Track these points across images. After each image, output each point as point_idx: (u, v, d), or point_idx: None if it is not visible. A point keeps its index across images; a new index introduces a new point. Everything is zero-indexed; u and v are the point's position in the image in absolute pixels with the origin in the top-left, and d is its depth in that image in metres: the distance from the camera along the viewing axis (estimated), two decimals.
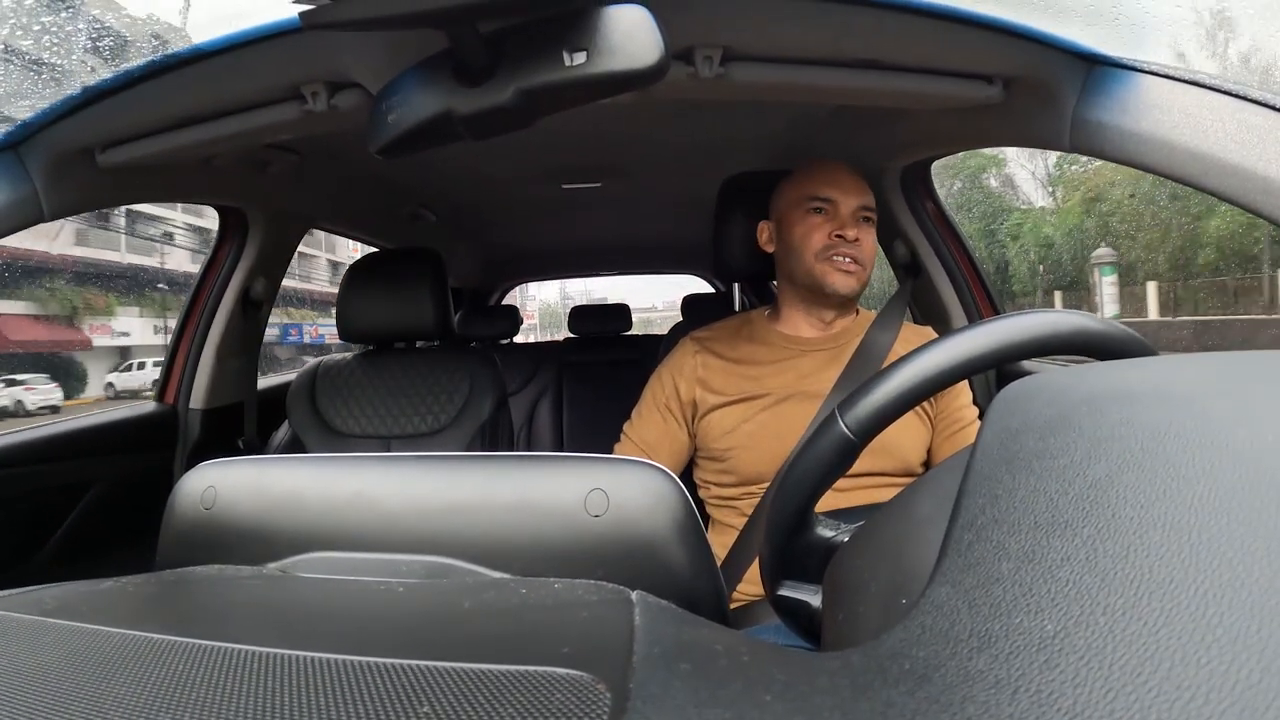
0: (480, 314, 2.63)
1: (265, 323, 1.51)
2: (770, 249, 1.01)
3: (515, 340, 2.63)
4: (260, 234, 1.36)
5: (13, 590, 0.34)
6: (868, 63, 0.75)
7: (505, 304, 3.12)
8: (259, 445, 1.47)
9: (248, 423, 1.46)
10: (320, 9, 0.46)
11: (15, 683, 0.23)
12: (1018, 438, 0.26)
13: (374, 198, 1.65)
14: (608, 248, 2.72)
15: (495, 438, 1.33)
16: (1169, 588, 0.18)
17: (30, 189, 0.83)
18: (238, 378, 1.44)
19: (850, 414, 0.41)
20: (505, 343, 2.57)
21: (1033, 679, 0.17)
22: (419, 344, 1.47)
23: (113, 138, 0.86)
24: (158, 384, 1.38)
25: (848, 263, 0.92)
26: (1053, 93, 0.74)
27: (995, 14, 0.69)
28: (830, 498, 0.47)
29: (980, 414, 0.50)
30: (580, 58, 0.50)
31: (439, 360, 1.38)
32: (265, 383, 1.57)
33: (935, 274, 1.25)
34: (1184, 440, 0.22)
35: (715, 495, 0.97)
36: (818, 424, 0.56)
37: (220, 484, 0.41)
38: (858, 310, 1.02)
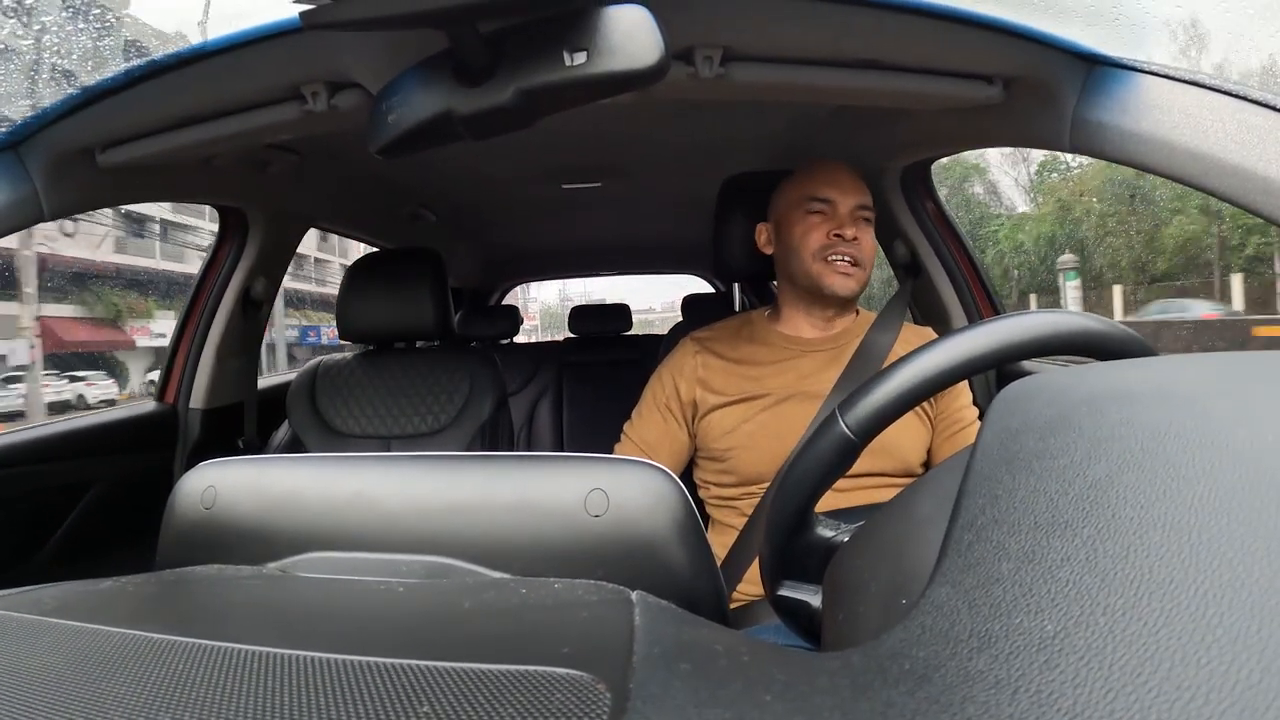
0: (480, 314, 2.63)
1: (265, 322, 1.51)
2: (769, 250, 1.01)
3: (515, 341, 2.63)
4: (260, 234, 1.36)
5: (13, 590, 0.34)
6: (868, 63, 0.75)
7: (505, 304, 3.12)
8: (259, 445, 1.47)
9: (248, 423, 1.46)
10: (320, 9, 0.46)
11: (15, 683, 0.23)
12: (1018, 438, 0.26)
13: (374, 198, 1.65)
14: (608, 248, 2.72)
15: (495, 438, 1.33)
16: (1169, 588, 0.18)
17: (30, 189, 0.83)
18: (238, 378, 1.44)
19: (850, 414, 0.41)
20: (505, 343, 2.57)
21: (1033, 679, 0.17)
22: (419, 344, 1.47)
23: (113, 138, 0.86)
24: (158, 384, 1.39)
25: (846, 263, 0.92)
26: (1053, 93, 0.74)
27: (995, 14, 0.69)
28: (830, 498, 0.47)
29: (980, 414, 0.50)
30: (580, 58, 0.50)
31: (439, 360, 1.38)
32: (266, 382, 1.57)
33: (935, 274, 1.24)
34: (1184, 440, 0.22)
35: (715, 495, 0.97)
36: (818, 424, 0.56)
37: (220, 484, 0.41)
38: (858, 311, 1.02)
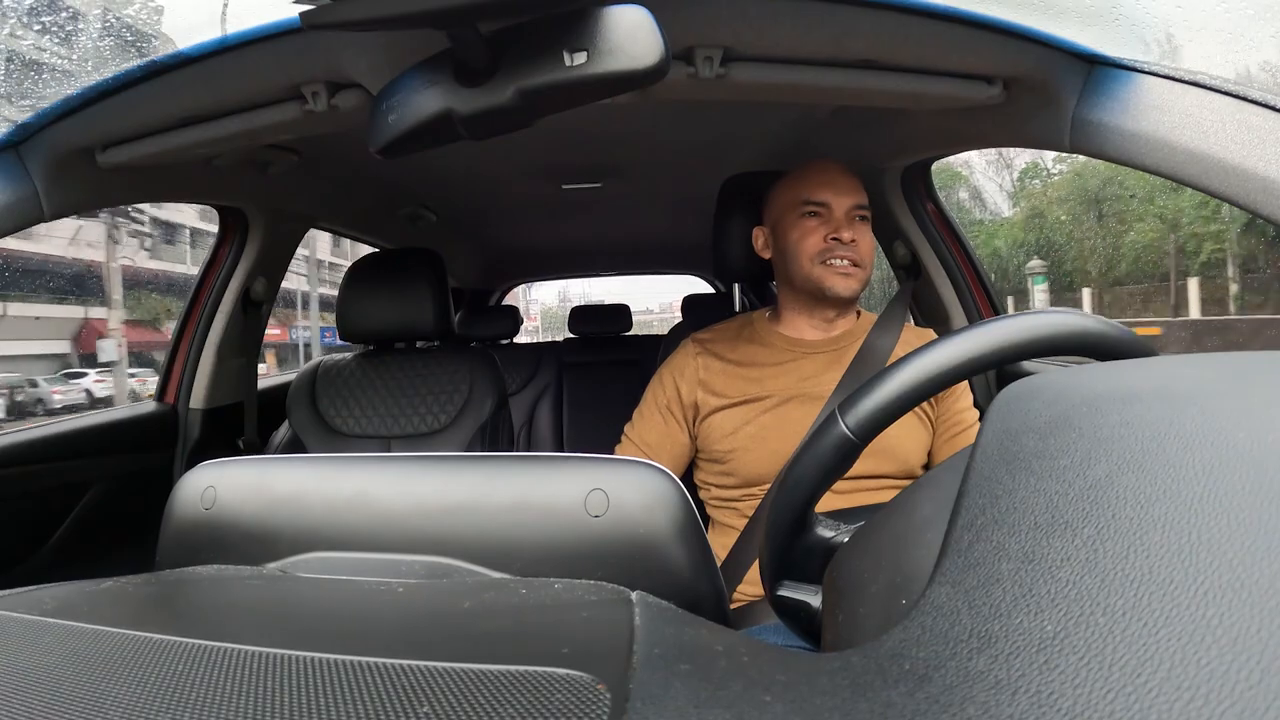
0: (480, 314, 2.63)
1: (265, 322, 1.51)
2: (767, 255, 1.01)
3: (516, 341, 2.63)
4: (260, 234, 1.36)
5: (13, 590, 0.34)
6: (868, 63, 0.75)
7: (505, 304, 3.12)
8: (259, 445, 1.47)
9: (248, 423, 1.46)
10: (320, 9, 0.46)
11: (15, 683, 0.23)
12: (1018, 438, 0.26)
13: (374, 198, 1.65)
14: (608, 248, 2.72)
15: (495, 438, 1.33)
16: (1169, 588, 0.18)
17: (30, 189, 0.84)
18: (238, 378, 1.44)
19: (851, 414, 0.41)
20: (505, 343, 2.57)
21: (1033, 679, 0.17)
22: (419, 344, 1.47)
23: (113, 138, 0.86)
24: (157, 384, 1.39)
25: (846, 265, 0.91)
26: (1053, 93, 0.74)
27: (995, 14, 0.69)
28: (830, 500, 0.47)
29: (980, 415, 0.50)
30: (580, 58, 0.50)
31: (439, 360, 1.38)
32: (266, 382, 1.57)
33: (935, 275, 1.24)
34: (1184, 440, 0.22)
35: (716, 496, 0.97)
36: (819, 424, 0.56)
37: (220, 484, 0.41)
38: (859, 312, 1.02)
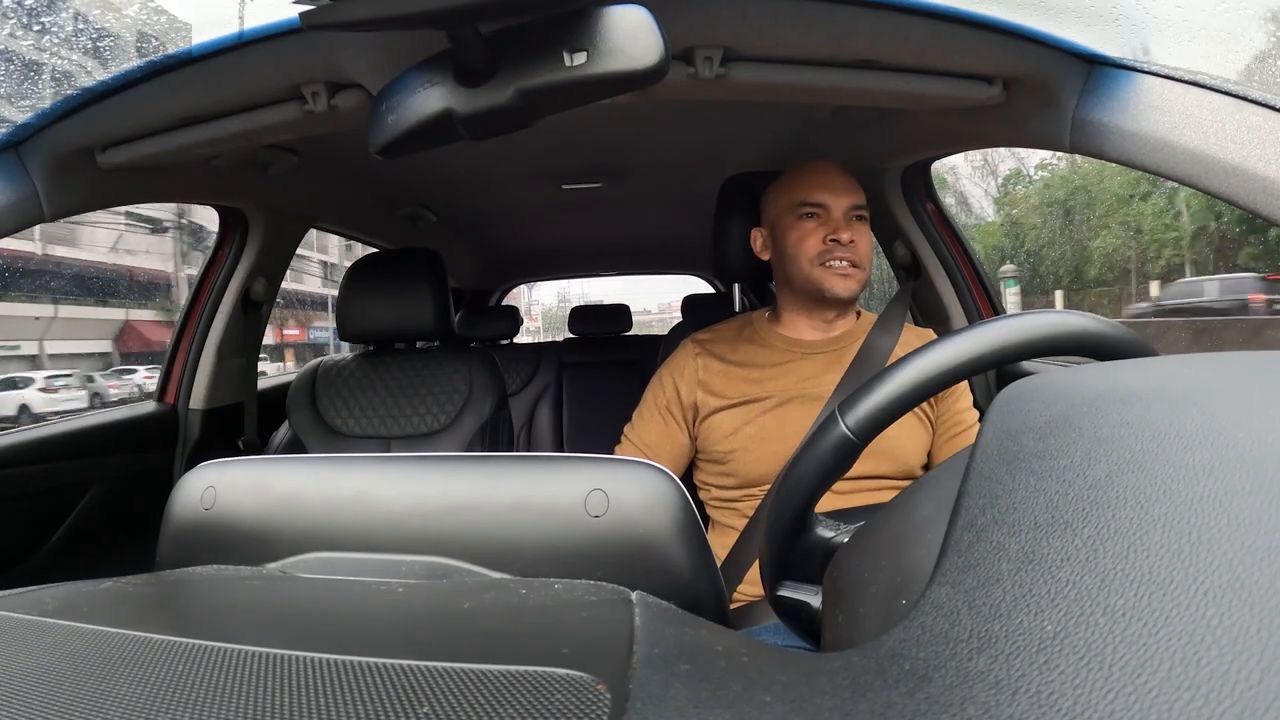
0: (480, 314, 2.63)
1: (265, 323, 1.51)
2: (765, 256, 1.00)
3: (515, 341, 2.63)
4: (260, 234, 1.36)
5: (13, 590, 0.34)
6: (868, 63, 0.75)
7: (505, 304, 3.13)
8: (259, 445, 1.47)
9: (248, 423, 1.46)
10: (320, 9, 0.46)
11: (15, 683, 0.23)
12: (1018, 438, 0.26)
13: (374, 198, 1.65)
14: (608, 248, 2.72)
15: (495, 438, 1.33)
16: (1169, 588, 0.18)
17: (30, 189, 0.84)
18: (238, 378, 1.44)
19: (851, 414, 0.41)
20: (505, 343, 2.57)
21: (1033, 680, 0.17)
22: (419, 344, 1.47)
23: (113, 138, 0.86)
24: (157, 384, 1.39)
25: (845, 266, 0.91)
26: (1053, 93, 0.74)
27: (995, 14, 0.69)
28: (830, 500, 0.47)
29: (980, 415, 0.50)
30: (580, 58, 0.50)
31: (439, 361, 1.38)
32: (266, 383, 1.57)
33: (935, 275, 1.24)
34: (1184, 440, 0.22)
35: (715, 497, 0.97)
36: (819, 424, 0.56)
37: (220, 484, 0.41)
38: (859, 312, 1.02)
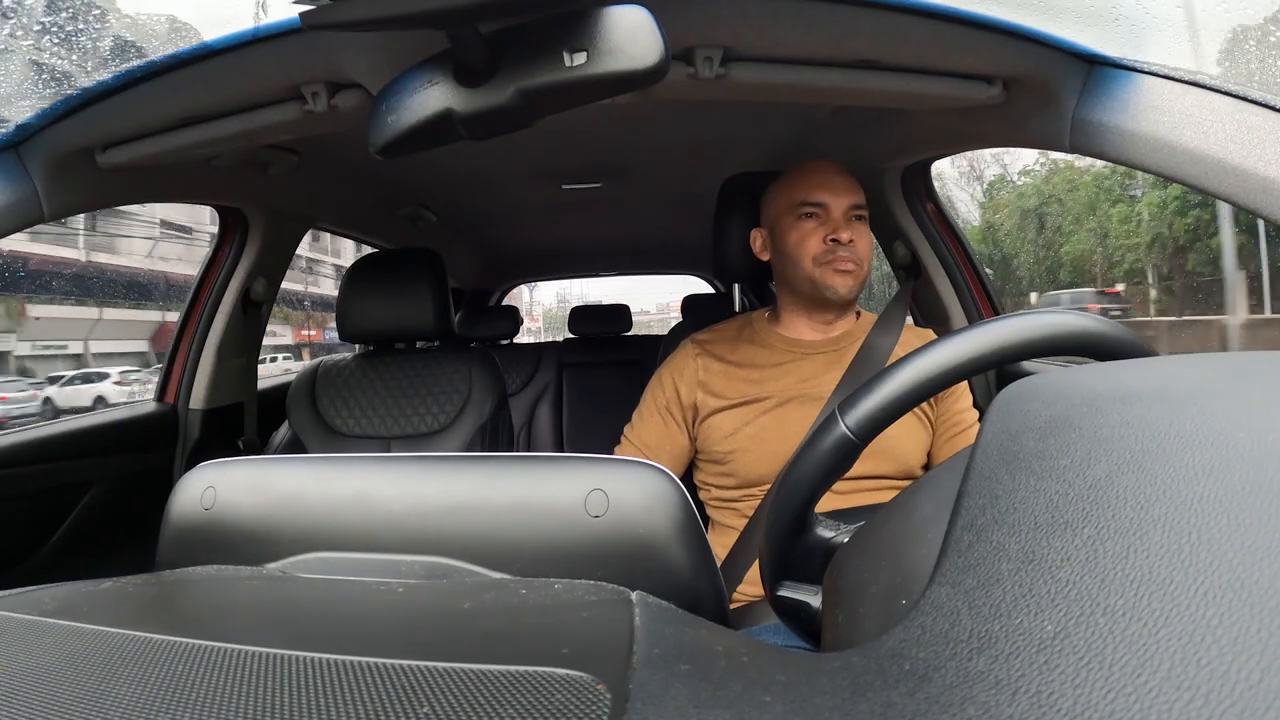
0: (480, 314, 2.63)
1: (265, 323, 1.51)
2: (765, 257, 1.00)
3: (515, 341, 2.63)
4: (260, 234, 1.36)
5: (13, 590, 0.34)
6: (868, 63, 0.75)
7: (506, 304, 3.13)
8: (259, 445, 1.47)
9: (248, 423, 1.46)
10: (320, 9, 0.46)
11: (15, 683, 0.23)
12: (1018, 438, 0.26)
13: (374, 198, 1.65)
14: (608, 248, 2.72)
15: (495, 438, 1.33)
16: (1169, 588, 0.18)
17: (30, 189, 0.84)
18: (238, 378, 1.44)
19: (851, 414, 0.41)
20: (505, 343, 2.57)
21: (1033, 680, 0.17)
22: (419, 344, 1.47)
23: (113, 138, 0.86)
24: (157, 384, 1.39)
25: (846, 264, 0.91)
26: (1053, 93, 0.74)
27: (995, 14, 0.69)
28: (830, 500, 0.47)
29: (980, 415, 0.50)
30: (580, 58, 0.50)
31: (439, 360, 1.38)
32: (266, 383, 1.57)
33: (935, 275, 1.24)
34: (1184, 441, 0.22)
35: (715, 497, 0.97)
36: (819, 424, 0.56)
37: (220, 484, 0.41)
38: (859, 312, 1.02)
